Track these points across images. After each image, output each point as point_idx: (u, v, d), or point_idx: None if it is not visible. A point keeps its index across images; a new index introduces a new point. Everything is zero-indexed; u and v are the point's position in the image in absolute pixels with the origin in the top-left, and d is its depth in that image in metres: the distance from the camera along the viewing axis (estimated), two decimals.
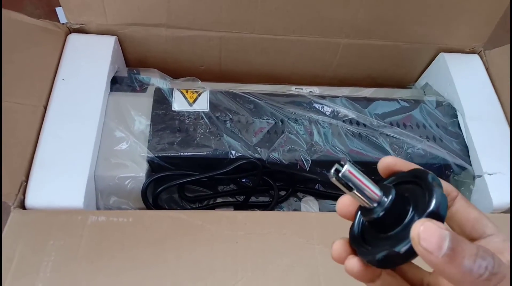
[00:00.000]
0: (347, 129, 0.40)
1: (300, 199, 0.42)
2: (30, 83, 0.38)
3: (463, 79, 0.45)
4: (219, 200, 0.41)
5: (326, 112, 0.42)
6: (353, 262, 0.18)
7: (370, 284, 0.19)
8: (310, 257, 0.31)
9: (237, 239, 0.32)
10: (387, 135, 0.40)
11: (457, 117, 0.44)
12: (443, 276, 0.15)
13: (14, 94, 0.37)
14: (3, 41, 0.39)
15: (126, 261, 0.30)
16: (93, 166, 0.36)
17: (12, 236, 0.31)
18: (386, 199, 0.17)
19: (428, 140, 0.41)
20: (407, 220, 0.17)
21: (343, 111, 0.42)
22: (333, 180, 0.17)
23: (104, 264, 0.30)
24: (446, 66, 0.47)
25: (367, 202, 0.17)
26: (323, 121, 0.41)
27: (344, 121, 0.41)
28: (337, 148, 0.39)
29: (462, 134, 0.42)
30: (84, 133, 0.37)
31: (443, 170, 0.41)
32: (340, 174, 0.17)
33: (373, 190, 0.17)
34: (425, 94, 0.49)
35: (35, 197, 0.33)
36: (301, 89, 0.48)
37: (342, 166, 0.17)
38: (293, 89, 0.48)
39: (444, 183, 0.18)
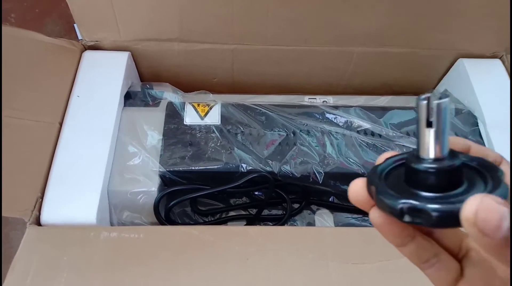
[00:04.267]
0: (362, 140, 0.39)
1: (314, 212, 0.41)
2: (47, 101, 0.39)
3: (483, 86, 0.44)
4: (232, 213, 0.41)
5: (340, 123, 0.41)
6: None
7: (401, 249, 0.16)
8: (324, 275, 0.31)
9: (248, 255, 0.31)
10: (403, 146, 0.39)
11: (477, 125, 0.42)
12: (497, 258, 0.13)
13: (31, 111, 0.38)
14: (22, 60, 0.41)
15: (138, 277, 0.30)
16: (106, 181, 0.36)
17: (28, 252, 0.31)
18: (448, 161, 0.15)
19: None
20: (459, 190, 0.15)
21: (357, 121, 0.41)
22: (421, 103, 0.14)
23: (116, 280, 0.30)
24: (466, 72, 0.45)
25: (431, 150, 0.15)
26: (336, 132, 0.40)
27: (358, 131, 0.40)
28: (351, 160, 0.38)
29: (483, 143, 0.41)
30: (98, 148, 0.37)
31: None
32: (433, 103, 0.14)
33: (445, 143, 0.15)
34: None
35: (50, 213, 0.34)
36: (315, 98, 0.48)
37: (437, 98, 0.14)
38: (306, 99, 0.48)
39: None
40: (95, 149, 0.37)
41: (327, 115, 0.42)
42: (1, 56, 0.38)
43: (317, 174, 0.38)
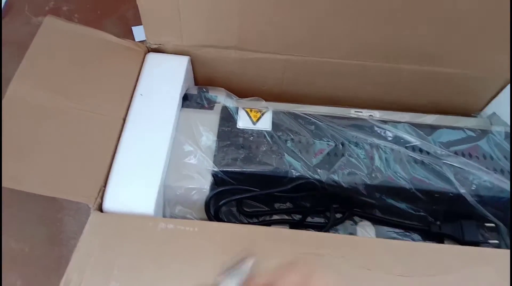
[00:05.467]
0: (410, 155, 0.40)
1: (356, 223, 0.42)
2: (113, 97, 0.42)
3: None
4: (275, 217, 0.42)
5: (388, 137, 0.42)
6: None
7: None
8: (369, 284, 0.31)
9: (292, 258, 0.32)
10: (451, 164, 0.40)
11: None
12: None
13: (98, 105, 0.41)
14: (91, 57, 0.44)
15: (191, 267, 0.32)
16: (164, 176, 0.38)
17: (92, 235, 0.34)
18: None
19: (495, 172, 0.40)
20: None
21: (406, 137, 0.42)
22: None
23: (171, 269, 0.32)
24: None
25: None
26: (384, 146, 0.41)
27: (406, 147, 0.41)
28: (399, 175, 0.39)
29: None
30: (157, 144, 0.39)
31: (511, 204, 0.39)
32: None
33: None
34: (491, 124, 0.48)
35: (112, 201, 0.36)
36: (361, 112, 0.49)
37: None
38: (352, 112, 0.49)
39: None
40: (155, 145, 0.39)
41: (376, 129, 0.43)
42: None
43: (364, 186, 0.39)
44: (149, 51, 0.47)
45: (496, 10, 0.40)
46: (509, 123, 0.46)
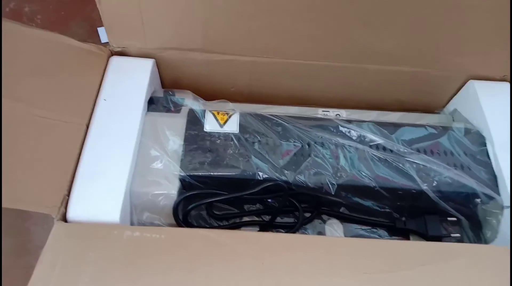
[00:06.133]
0: (374, 154, 0.41)
1: (324, 222, 0.43)
2: (75, 103, 0.41)
3: (492, 107, 0.45)
4: (246, 218, 0.42)
5: (353, 137, 0.43)
6: None
7: None
8: (336, 283, 0.32)
9: (263, 260, 0.33)
10: (414, 162, 0.41)
11: (486, 146, 0.43)
12: None
13: (60, 112, 0.40)
14: (52, 62, 0.43)
15: (159, 275, 0.32)
16: (129, 183, 0.38)
17: (55, 246, 0.33)
18: None
19: (456, 168, 0.41)
20: None
21: (370, 136, 0.43)
22: None
23: (138, 278, 0.32)
24: (476, 93, 0.47)
25: None
26: (349, 145, 0.42)
27: (370, 146, 0.42)
28: (363, 173, 0.40)
29: (491, 163, 0.42)
30: (122, 150, 0.39)
31: (471, 199, 0.41)
32: None
33: None
34: (453, 120, 0.49)
35: (76, 210, 0.36)
36: (328, 111, 0.50)
37: None
38: (320, 112, 0.50)
39: None
40: (120, 151, 0.39)
41: (341, 129, 0.43)
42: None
43: (330, 185, 0.39)
44: (112, 55, 0.46)
45: (455, 11, 0.41)
46: (468, 119, 0.47)
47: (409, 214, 0.42)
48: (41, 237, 0.48)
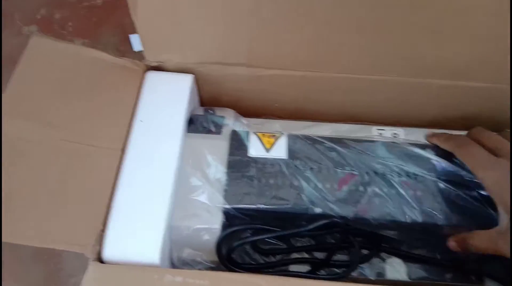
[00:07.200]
0: (446, 185, 0.36)
1: (384, 260, 0.38)
2: (109, 125, 0.38)
3: None
4: (295, 255, 0.38)
5: (421, 165, 0.37)
6: None
7: None
8: None
9: None
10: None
11: None
12: None
13: (93, 136, 0.37)
14: (83, 79, 0.40)
15: None
16: (170, 216, 0.34)
17: None
18: None
19: None
20: None
21: (438, 164, 0.37)
22: None
23: None
24: None
25: None
26: (414, 174, 0.37)
27: (439, 177, 0.36)
28: (432, 209, 0.35)
29: None
30: (161, 178, 0.35)
31: None
32: None
33: None
34: None
35: (112, 249, 0.32)
36: (384, 129, 0.44)
37: None
38: (374, 130, 0.44)
39: None
40: (159, 179, 0.35)
41: (403, 154, 0.38)
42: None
43: (394, 223, 0.34)
44: (148, 70, 0.42)
45: None
46: None
47: (483, 254, 0.37)
48: (73, 265, 0.45)
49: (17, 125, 0.35)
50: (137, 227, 0.33)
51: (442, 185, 0.36)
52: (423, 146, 0.39)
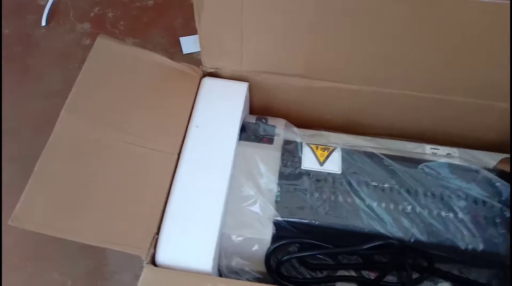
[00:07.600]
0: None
1: (435, 283, 0.37)
2: (167, 128, 0.39)
3: None
4: (342, 272, 0.37)
5: (486, 189, 0.36)
6: None
7: None
8: None
9: None
10: None
11: None
12: None
13: (151, 139, 0.37)
14: (143, 83, 0.40)
15: None
16: (222, 224, 0.34)
17: None
18: None
19: None
20: None
21: (507, 190, 0.36)
22: None
23: None
24: None
25: None
26: (479, 199, 0.35)
27: (502, 202, 0.35)
28: (494, 237, 0.33)
29: None
30: (215, 185, 0.35)
31: None
32: None
33: None
34: None
35: (166, 253, 0.33)
36: (438, 149, 0.43)
37: None
38: (428, 149, 0.43)
39: None
40: (213, 186, 0.35)
41: (471, 178, 0.37)
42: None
43: (452, 248, 0.33)
44: (204, 76, 0.43)
45: None
46: None
47: None
48: (118, 262, 0.46)
49: (81, 124, 0.36)
50: (191, 233, 0.33)
51: (506, 212, 0.34)
52: (488, 169, 0.37)
